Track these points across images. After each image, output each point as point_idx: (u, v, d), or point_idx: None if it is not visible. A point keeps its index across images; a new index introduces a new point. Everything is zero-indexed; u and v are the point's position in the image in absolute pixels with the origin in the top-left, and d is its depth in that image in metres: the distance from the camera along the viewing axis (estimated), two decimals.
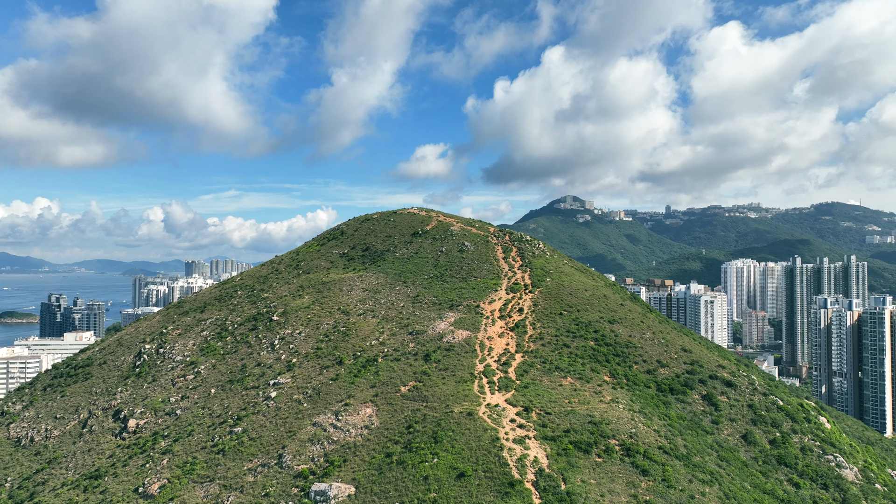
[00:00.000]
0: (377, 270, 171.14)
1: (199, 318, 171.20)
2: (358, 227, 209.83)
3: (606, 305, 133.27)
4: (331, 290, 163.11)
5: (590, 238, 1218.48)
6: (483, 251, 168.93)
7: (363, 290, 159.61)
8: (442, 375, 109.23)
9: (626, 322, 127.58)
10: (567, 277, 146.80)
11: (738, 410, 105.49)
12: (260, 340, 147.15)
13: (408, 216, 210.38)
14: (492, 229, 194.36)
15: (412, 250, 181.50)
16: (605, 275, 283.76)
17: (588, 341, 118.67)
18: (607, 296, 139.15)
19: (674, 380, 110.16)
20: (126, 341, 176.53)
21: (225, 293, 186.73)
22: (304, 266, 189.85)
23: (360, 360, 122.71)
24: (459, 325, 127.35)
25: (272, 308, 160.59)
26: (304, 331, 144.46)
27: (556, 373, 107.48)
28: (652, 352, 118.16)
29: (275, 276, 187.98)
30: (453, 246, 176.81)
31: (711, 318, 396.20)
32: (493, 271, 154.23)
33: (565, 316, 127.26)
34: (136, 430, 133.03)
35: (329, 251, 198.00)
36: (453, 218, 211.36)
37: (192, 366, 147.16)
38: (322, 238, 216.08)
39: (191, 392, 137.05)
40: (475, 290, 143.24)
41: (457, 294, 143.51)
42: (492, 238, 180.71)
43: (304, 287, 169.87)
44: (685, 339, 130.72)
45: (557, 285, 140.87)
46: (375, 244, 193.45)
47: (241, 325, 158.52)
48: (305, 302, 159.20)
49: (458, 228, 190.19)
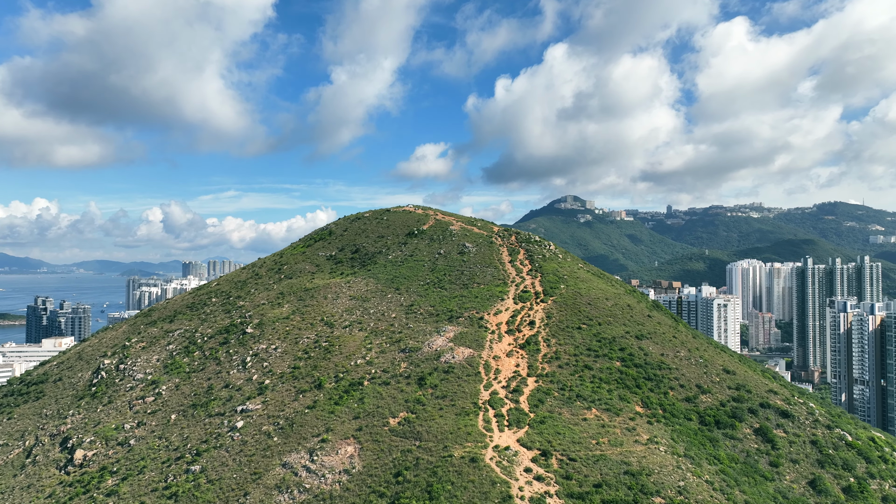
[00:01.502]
0: (367, 275, 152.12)
1: (167, 330, 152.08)
2: (347, 227, 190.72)
3: (631, 317, 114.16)
4: (314, 298, 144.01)
5: (591, 238, 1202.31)
6: (486, 254, 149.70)
7: (350, 297, 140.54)
8: (439, 405, 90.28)
9: (655, 337, 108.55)
10: (584, 284, 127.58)
11: (800, 448, 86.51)
12: (230, 357, 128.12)
13: (402, 215, 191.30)
14: (496, 229, 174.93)
15: (406, 252, 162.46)
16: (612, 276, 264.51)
17: (613, 361, 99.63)
18: (631, 306, 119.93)
19: (719, 410, 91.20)
20: (86, 354, 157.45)
21: (198, 300, 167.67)
22: (287, 270, 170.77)
23: (342, 384, 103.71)
24: (460, 340, 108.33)
25: (247, 318, 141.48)
26: (280, 346, 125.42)
27: (577, 402, 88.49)
28: (689, 374, 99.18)
29: (254, 282, 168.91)
30: (453, 247, 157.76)
31: (725, 322, 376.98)
32: (498, 277, 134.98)
33: (585, 330, 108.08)
34: (84, 462, 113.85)
35: (315, 253, 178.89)
36: (453, 216, 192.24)
37: (153, 386, 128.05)
38: (308, 239, 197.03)
39: (148, 418, 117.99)
40: (478, 299, 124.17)
41: (457, 303, 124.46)
42: (496, 239, 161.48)
43: (285, 294, 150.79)
44: (724, 357, 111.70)
45: (573, 293, 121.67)
46: (366, 245, 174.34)
47: (212, 337, 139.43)
48: (285, 311, 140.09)
49: (458, 228, 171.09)
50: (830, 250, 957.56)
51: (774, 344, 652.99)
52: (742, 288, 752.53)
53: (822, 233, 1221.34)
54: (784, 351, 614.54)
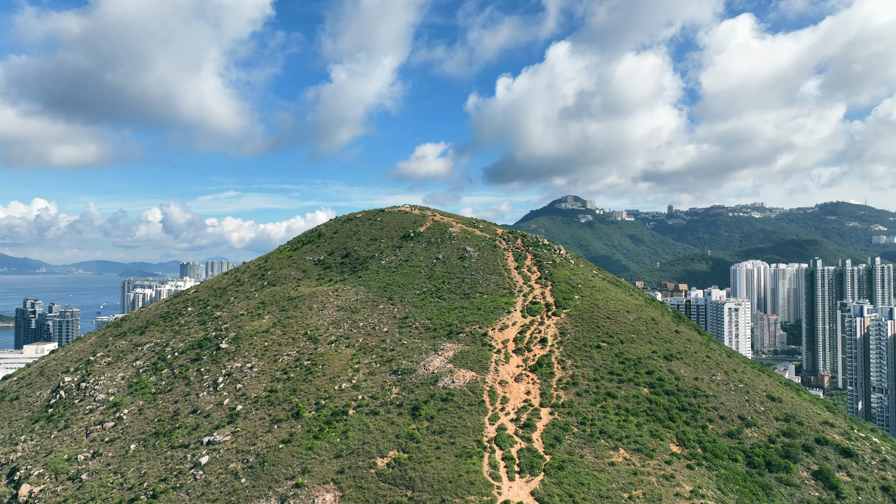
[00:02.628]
0: (357, 282, 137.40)
1: (136, 343, 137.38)
2: (338, 229, 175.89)
3: (657, 333, 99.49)
4: (298, 309, 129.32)
5: (592, 239, 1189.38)
6: (490, 259, 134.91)
7: (338, 308, 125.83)
8: (436, 442, 75.73)
9: (686, 357, 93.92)
10: (601, 294, 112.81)
11: (870, 497, 72.00)
12: (201, 376, 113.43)
13: (397, 215, 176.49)
14: (499, 231, 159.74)
15: (401, 257, 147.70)
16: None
17: (641, 388, 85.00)
18: (656, 319, 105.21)
19: (768, 448, 76.66)
20: (49, 370, 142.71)
21: (173, 310, 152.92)
22: (271, 276, 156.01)
23: (323, 413, 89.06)
24: (461, 361, 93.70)
25: (222, 331, 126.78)
26: (257, 364, 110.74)
27: (601, 440, 73.90)
28: (730, 403, 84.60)
29: (234, 289, 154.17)
30: (452, 252, 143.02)
31: (736, 327, 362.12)
32: (503, 285, 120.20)
33: (605, 350, 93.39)
34: (28, 500, 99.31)
35: (302, 257, 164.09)
36: (452, 217, 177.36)
37: (115, 409, 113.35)
38: (296, 241, 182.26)
39: (105, 447, 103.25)
40: (481, 312, 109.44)
41: (457, 316, 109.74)
42: (500, 242, 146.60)
43: (266, 304, 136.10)
44: (766, 381, 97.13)
45: (590, 305, 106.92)
46: (358, 249, 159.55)
47: (183, 353, 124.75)
48: (264, 324, 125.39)
49: (459, 230, 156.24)
50: (834, 251, 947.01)
51: (780, 346, 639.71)
52: (746, 289, 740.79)
53: (825, 233, 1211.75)
54: (790, 354, 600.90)
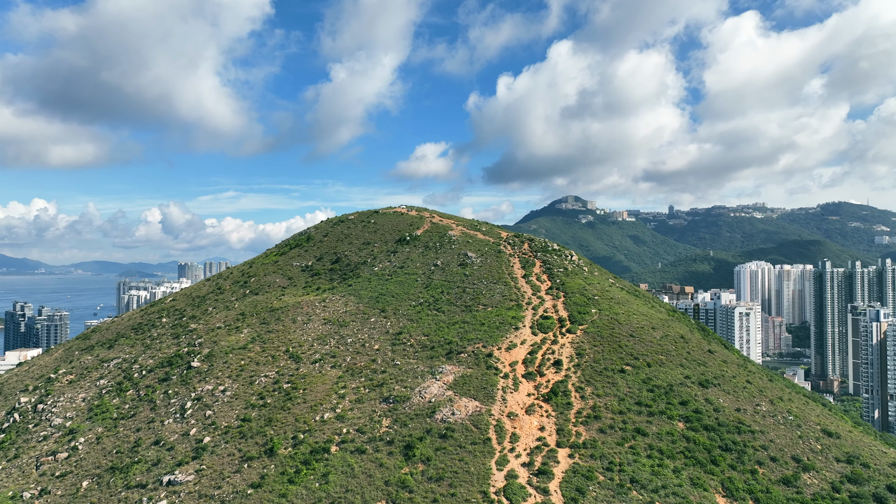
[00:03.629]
0: (347, 291, 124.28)
1: (103, 359, 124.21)
2: (328, 232, 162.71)
3: (688, 354, 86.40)
4: (280, 321, 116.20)
5: (593, 239, 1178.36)
6: (494, 266, 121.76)
7: (324, 321, 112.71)
8: (433, 493, 62.70)
9: (724, 383, 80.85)
10: (620, 307, 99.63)
11: None
12: (169, 399, 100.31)
13: (393, 217, 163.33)
14: (504, 234, 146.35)
15: (396, 263, 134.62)
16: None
17: (675, 422, 71.96)
18: (685, 337, 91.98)
19: (833, 498, 63.64)
20: (8, 388, 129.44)
21: (147, 321, 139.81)
22: (254, 284, 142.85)
23: (302, 449, 75.99)
24: (462, 387, 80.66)
25: (196, 347, 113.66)
26: (230, 387, 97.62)
27: (633, 492, 60.87)
28: (780, 440, 71.53)
29: (214, 298, 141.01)
30: (452, 257, 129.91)
31: (747, 332, 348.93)
32: (510, 296, 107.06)
33: (630, 375, 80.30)
34: None
35: (289, 263, 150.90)
36: (452, 219, 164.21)
37: (71, 436, 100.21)
38: (284, 245, 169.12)
39: (55, 483, 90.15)
40: (485, 327, 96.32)
41: (458, 332, 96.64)
42: (505, 247, 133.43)
43: (247, 315, 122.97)
44: (817, 410, 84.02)
45: (609, 320, 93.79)
46: (349, 254, 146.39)
47: (152, 371, 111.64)
48: (242, 339, 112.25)
49: (459, 233, 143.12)
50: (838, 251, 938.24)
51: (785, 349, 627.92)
52: (751, 290, 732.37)
53: (827, 233, 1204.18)
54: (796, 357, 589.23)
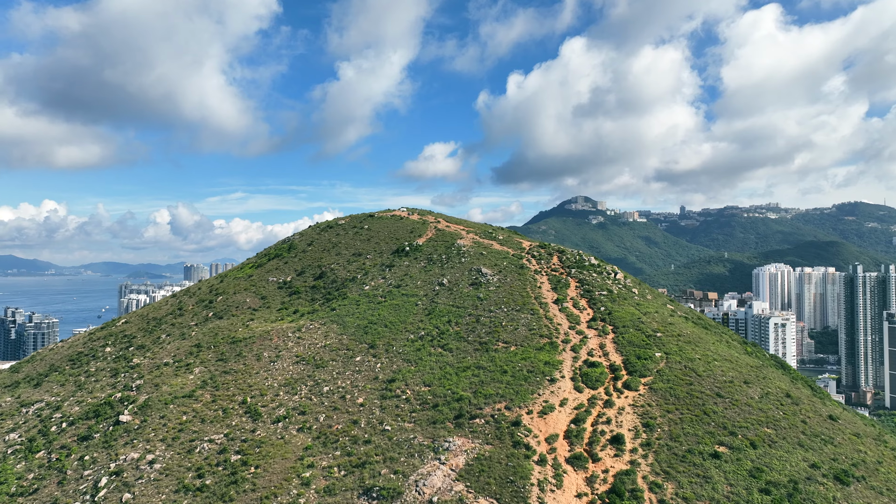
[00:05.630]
0: (329, 317, 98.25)
1: (25, 401, 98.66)
2: (314, 240, 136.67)
3: (805, 424, 59.71)
4: (242, 358, 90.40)
5: (603, 240, 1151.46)
6: (517, 286, 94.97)
7: (297, 359, 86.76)
8: None
9: (869, 475, 54.34)
10: (694, 349, 72.49)
11: None
12: (83, 469, 74.74)
13: (390, 223, 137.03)
14: (526, 244, 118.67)
15: (392, 280, 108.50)
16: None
17: None
18: (792, 396, 64.93)
19: None
20: None
21: (89, 350, 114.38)
22: (220, 304, 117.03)
23: None
24: (478, 479, 54.56)
25: (132, 392, 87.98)
26: (162, 455, 71.87)
27: None
28: None
29: (171, 321, 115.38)
30: (462, 274, 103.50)
31: (783, 345, 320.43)
32: (540, 330, 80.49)
33: (728, 462, 53.89)
34: None
35: (264, 278, 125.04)
36: (461, 224, 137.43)
37: None
38: (263, 256, 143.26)
39: None
40: (508, 377, 69.87)
41: (470, 383, 70.41)
42: (528, 260, 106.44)
43: (203, 347, 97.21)
44: None
45: (683, 370, 67.03)
46: (336, 268, 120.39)
47: (74, 424, 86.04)
48: (191, 382, 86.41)
49: (470, 242, 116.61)
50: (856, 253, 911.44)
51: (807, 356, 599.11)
52: (770, 294, 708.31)
53: (843, 234, 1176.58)
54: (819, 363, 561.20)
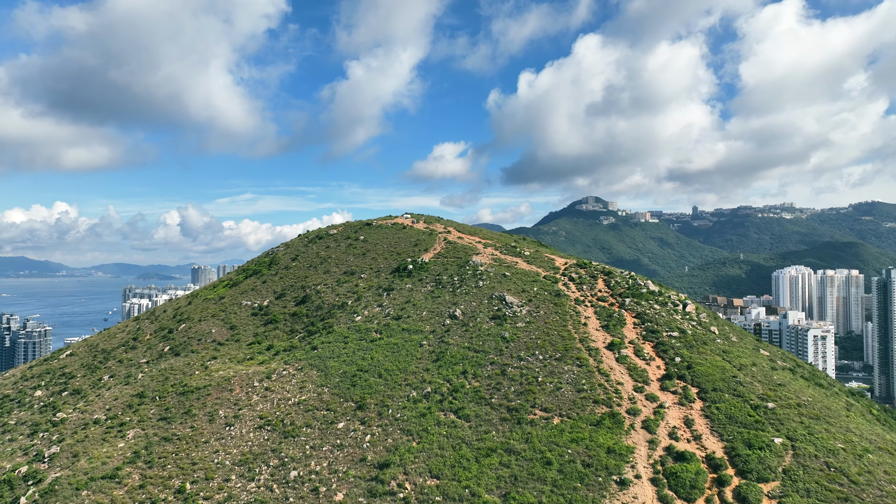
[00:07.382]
0: (309, 359, 75.91)
1: None
2: (300, 253, 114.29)
3: None
4: (191, 418, 68.20)
5: (615, 242, 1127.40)
6: (554, 322, 71.15)
7: (260, 422, 64.46)
8: None
9: None
10: (826, 428, 48.97)
11: None
12: None
13: (391, 232, 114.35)
14: (560, 262, 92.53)
15: (390, 310, 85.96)
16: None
17: None
18: None
19: None
20: None
21: (18, 391, 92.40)
22: (181, 335, 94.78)
23: None
24: None
25: (41, 466, 65.96)
26: None
27: None
28: None
29: (120, 356, 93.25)
30: (480, 303, 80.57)
31: (823, 359, 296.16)
32: (592, 393, 56.65)
33: None
34: None
35: (237, 301, 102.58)
36: (476, 236, 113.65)
37: None
38: (241, 271, 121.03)
39: None
40: (554, 472, 47.00)
41: (496, 477, 47.88)
42: (566, 284, 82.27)
43: (145, 399, 75.04)
44: None
45: (828, 476, 44.25)
46: (322, 290, 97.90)
47: None
48: (119, 453, 64.26)
49: (489, 260, 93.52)
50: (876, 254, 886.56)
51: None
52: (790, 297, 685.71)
53: (860, 234, 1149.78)
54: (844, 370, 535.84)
